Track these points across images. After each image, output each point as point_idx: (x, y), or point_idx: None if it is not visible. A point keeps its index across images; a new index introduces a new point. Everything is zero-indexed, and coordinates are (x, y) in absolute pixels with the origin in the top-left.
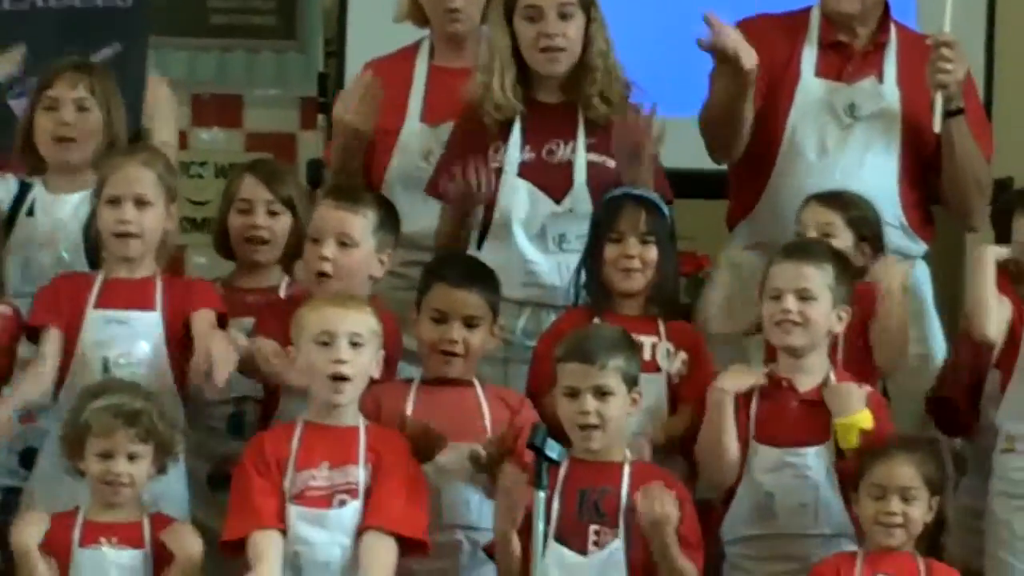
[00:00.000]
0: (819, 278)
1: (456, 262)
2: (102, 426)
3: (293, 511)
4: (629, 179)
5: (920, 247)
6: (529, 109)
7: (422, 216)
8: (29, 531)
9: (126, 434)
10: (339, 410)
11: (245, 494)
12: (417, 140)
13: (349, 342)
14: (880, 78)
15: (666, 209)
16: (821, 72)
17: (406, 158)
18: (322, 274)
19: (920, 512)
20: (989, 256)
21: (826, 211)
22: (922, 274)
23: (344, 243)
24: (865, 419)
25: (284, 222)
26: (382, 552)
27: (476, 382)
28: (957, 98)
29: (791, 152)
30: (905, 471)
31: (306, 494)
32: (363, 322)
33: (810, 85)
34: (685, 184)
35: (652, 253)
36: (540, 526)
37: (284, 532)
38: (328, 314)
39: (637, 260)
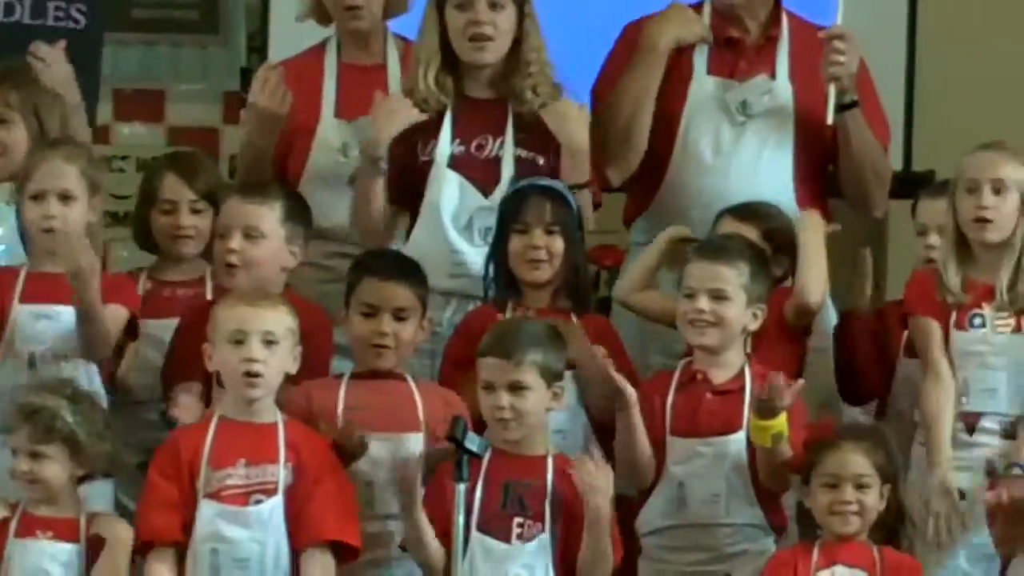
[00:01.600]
0: (734, 278)
1: (384, 256)
2: (8, 423)
3: (210, 508)
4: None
5: None
6: (460, 103)
7: (342, 210)
8: None
9: (28, 433)
10: (255, 406)
11: (148, 501)
12: (333, 135)
13: (262, 340)
14: (772, 74)
15: (573, 200)
16: (713, 70)
17: (324, 154)
18: (230, 266)
19: (873, 500)
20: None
21: (741, 225)
22: None
23: (251, 235)
24: (781, 424)
25: (208, 217)
26: (321, 567)
27: (408, 375)
28: (851, 90)
29: (685, 152)
30: (857, 459)
31: (222, 493)
32: (276, 320)
33: (703, 83)
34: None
35: (558, 244)
36: (460, 518)
37: (183, 543)
38: (240, 313)
39: (543, 251)
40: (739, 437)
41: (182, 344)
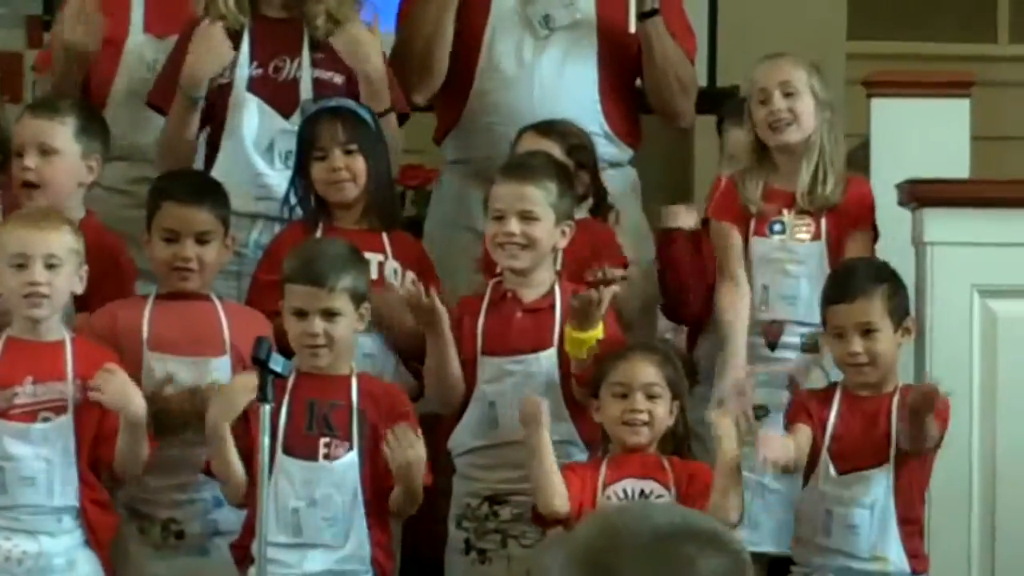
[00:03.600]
0: (541, 197)
1: (184, 179)
2: None
3: None
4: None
5: (626, 153)
6: (256, 24)
7: (150, 129)
8: None
9: None
10: (42, 325)
11: None
12: (142, 52)
13: (44, 264)
14: None
15: (369, 116)
16: None
17: (132, 70)
18: (27, 184)
19: (663, 411)
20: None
21: (543, 141)
22: (628, 180)
23: (46, 151)
24: (599, 334)
25: None
26: None
27: (214, 296)
28: None
29: (489, 67)
30: (648, 369)
31: (10, 411)
32: (58, 242)
33: None
34: None
35: (359, 163)
36: (266, 440)
37: None
38: (22, 236)
39: (344, 171)
40: (549, 353)
41: None
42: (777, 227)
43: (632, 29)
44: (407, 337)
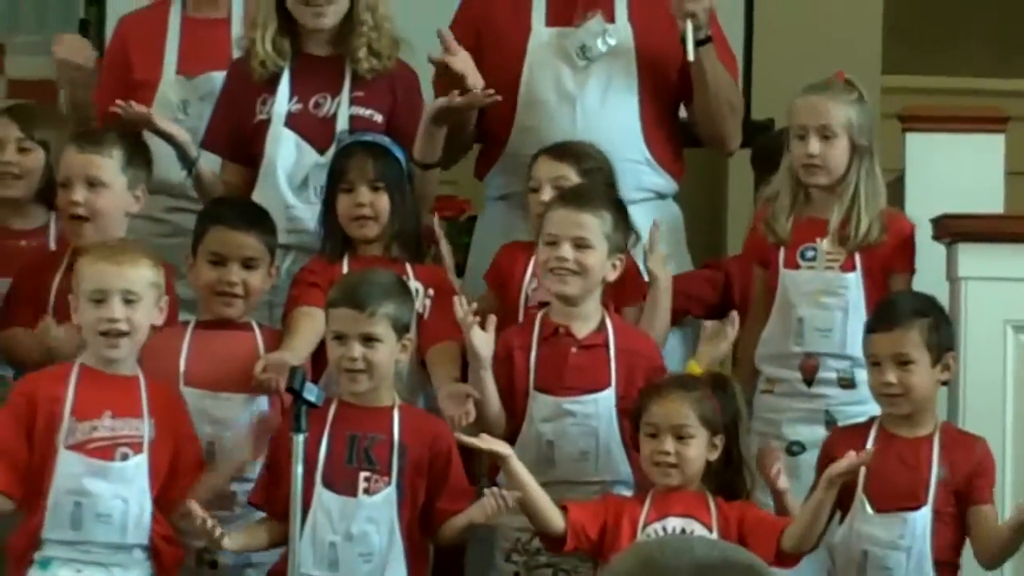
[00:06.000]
0: (597, 226)
1: (232, 204)
2: None
3: (73, 460)
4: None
5: (671, 184)
6: (298, 61)
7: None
8: None
9: None
10: (118, 361)
11: None
12: (174, 92)
13: (123, 300)
14: (610, 16)
15: (400, 154)
16: (551, 21)
17: (164, 110)
18: (75, 217)
19: (696, 451)
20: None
21: (558, 164)
22: (675, 215)
23: (93, 184)
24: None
25: (36, 158)
26: None
27: (254, 324)
28: (705, 26)
29: (529, 100)
30: (680, 409)
31: (88, 445)
32: (137, 277)
33: (540, 34)
34: None
35: (383, 201)
36: (300, 470)
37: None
38: (100, 270)
39: (368, 208)
40: (608, 394)
41: (18, 290)
42: (809, 254)
43: (691, 57)
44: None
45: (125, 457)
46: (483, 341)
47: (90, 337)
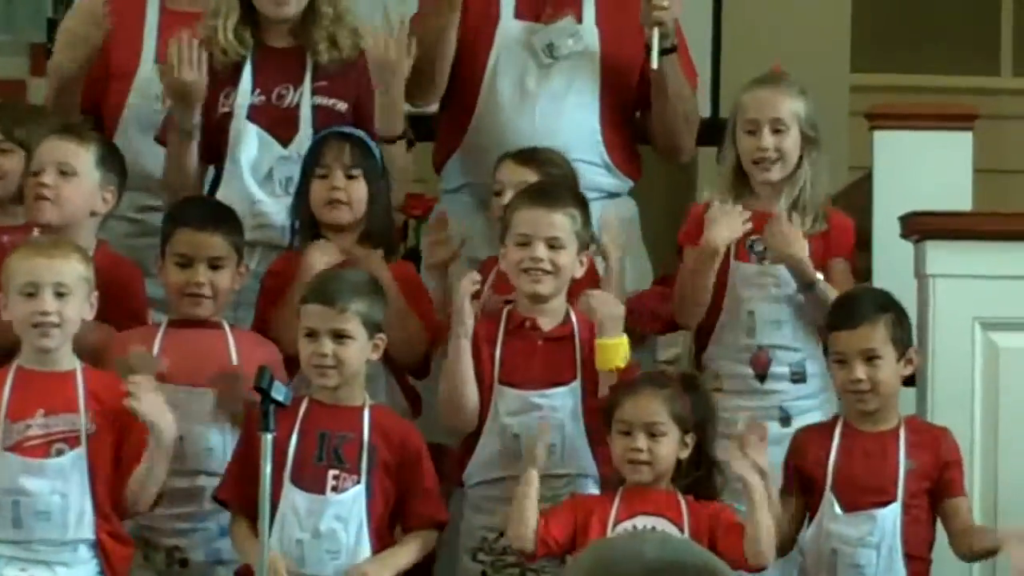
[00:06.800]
0: (568, 226)
1: (198, 205)
2: None
3: (10, 461)
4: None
5: (626, 184)
6: (259, 53)
7: (157, 158)
8: None
9: None
10: (52, 355)
11: None
12: (153, 82)
13: (54, 292)
14: (578, 18)
15: (375, 147)
16: (520, 14)
17: (142, 100)
18: (41, 199)
19: (668, 449)
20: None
21: (522, 169)
22: (628, 210)
23: (64, 172)
24: (625, 344)
25: (15, 159)
26: None
27: (225, 323)
28: (672, 36)
29: (491, 94)
30: (652, 406)
31: (24, 444)
32: (69, 270)
33: (509, 26)
34: (421, 126)
35: (360, 188)
36: (268, 468)
37: None
38: (32, 264)
39: (343, 192)
40: (575, 387)
41: None
42: (758, 247)
43: (654, 66)
44: (402, 343)
45: (60, 453)
46: (471, 311)
47: (22, 331)
